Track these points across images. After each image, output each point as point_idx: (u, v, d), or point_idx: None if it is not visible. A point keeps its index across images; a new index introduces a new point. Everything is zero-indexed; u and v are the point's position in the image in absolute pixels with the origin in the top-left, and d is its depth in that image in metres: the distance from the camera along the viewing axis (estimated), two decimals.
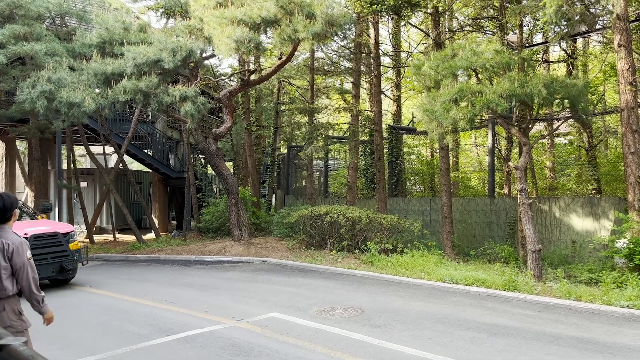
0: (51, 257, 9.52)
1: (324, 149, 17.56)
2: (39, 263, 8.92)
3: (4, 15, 14.09)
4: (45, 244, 9.47)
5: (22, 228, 9.27)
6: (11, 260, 3.87)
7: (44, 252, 9.41)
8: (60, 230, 9.91)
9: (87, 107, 11.84)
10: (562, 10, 9.61)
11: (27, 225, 9.74)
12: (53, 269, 9.54)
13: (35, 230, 9.46)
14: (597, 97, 16.72)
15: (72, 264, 9.90)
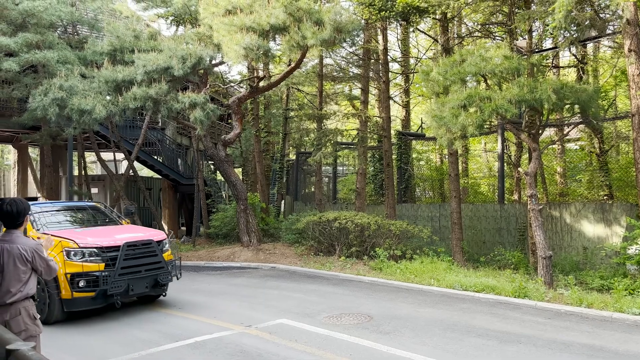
0: (145, 269, 8.10)
1: (332, 155, 17.56)
2: (132, 277, 7.86)
3: (17, 24, 14.29)
4: (138, 254, 8.09)
5: (112, 234, 8.24)
6: (33, 263, 3.95)
7: (137, 263, 8.02)
8: (154, 237, 8.54)
9: (98, 114, 11.95)
10: (571, 15, 9.56)
11: (117, 231, 8.59)
12: (147, 283, 8.12)
13: (127, 237, 8.21)
14: (608, 103, 16.58)
15: (167, 278, 8.46)
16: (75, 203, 10.36)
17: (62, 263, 7.38)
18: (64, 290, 7.40)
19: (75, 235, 7.79)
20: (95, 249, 7.62)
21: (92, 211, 9.78)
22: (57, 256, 7.39)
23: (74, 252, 7.47)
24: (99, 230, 8.67)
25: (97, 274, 7.52)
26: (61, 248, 7.46)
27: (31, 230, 7.95)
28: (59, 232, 7.96)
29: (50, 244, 4.58)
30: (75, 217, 9.43)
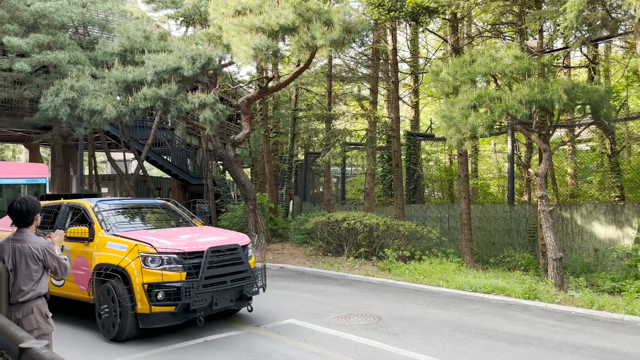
0: (231, 279, 6.95)
1: (341, 155, 17.55)
2: (217, 288, 6.70)
3: (28, 25, 14.43)
4: (223, 262, 6.94)
5: (192, 238, 7.18)
6: (44, 262, 3.99)
7: (222, 272, 6.88)
8: (239, 241, 7.34)
9: (109, 114, 12.03)
10: (583, 15, 9.47)
11: (196, 234, 7.53)
12: (232, 296, 6.94)
13: (210, 241, 7.06)
14: (620, 103, 16.42)
15: (254, 290, 7.26)
16: (145, 200, 9.33)
17: (139, 271, 6.42)
18: (141, 303, 6.35)
19: (151, 238, 6.76)
20: (175, 255, 6.55)
21: (164, 210, 8.76)
22: (132, 263, 6.47)
23: (152, 258, 6.49)
24: (175, 232, 7.59)
25: (179, 284, 6.41)
26: (137, 253, 6.50)
27: (100, 230, 7.14)
28: (133, 234, 7.01)
29: (61, 239, 4.55)
30: (146, 217, 8.49)
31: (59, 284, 7.54)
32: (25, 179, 12.68)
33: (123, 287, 6.45)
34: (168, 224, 8.25)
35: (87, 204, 7.78)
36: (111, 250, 6.79)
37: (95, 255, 6.94)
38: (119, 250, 6.68)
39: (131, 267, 6.46)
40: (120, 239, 6.85)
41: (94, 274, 6.85)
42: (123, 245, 6.68)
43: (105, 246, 6.90)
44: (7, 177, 12.29)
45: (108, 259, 6.74)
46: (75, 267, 7.22)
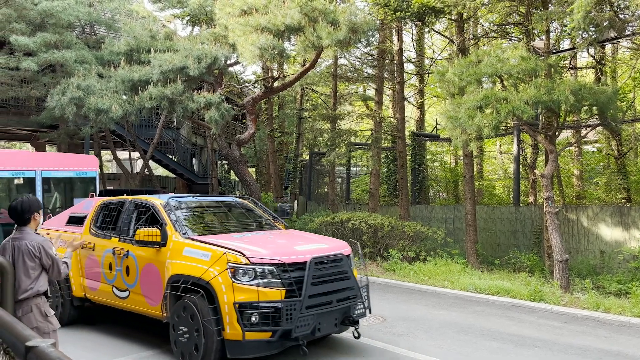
0: (337, 298, 5.61)
1: (346, 155, 17.54)
2: (321, 310, 5.38)
3: (35, 24, 14.49)
4: (326, 276, 5.59)
5: (290, 245, 5.89)
6: (41, 260, 3.96)
7: (327, 290, 5.54)
8: (342, 250, 5.99)
9: (115, 114, 12.07)
10: (590, 16, 9.42)
11: (290, 239, 6.39)
12: (336, 319, 5.59)
13: (311, 249, 5.73)
14: (627, 104, 16.32)
15: (362, 312, 5.92)
16: (221, 198, 8.00)
17: (227, 286, 5.16)
18: (230, 327, 5.11)
19: (240, 245, 5.53)
20: (272, 267, 5.29)
21: (243, 209, 7.41)
22: (218, 276, 5.21)
23: (244, 270, 5.22)
24: (263, 237, 6.34)
25: (278, 304, 5.13)
26: (225, 264, 5.26)
27: (174, 234, 5.94)
28: (215, 239, 5.79)
29: (77, 245, 4.57)
30: (225, 217, 7.15)
31: (122, 295, 6.45)
32: (74, 172, 11.51)
33: (207, 305, 5.21)
34: (251, 227, 6.93)
35: (156, 200, 6.57)
36: (190, 258, 5.58)
37: (169, 264, 5.75)
38: (201, 259, 5.47)
39: (217, 282, 5.20)
40: (201, 244, 5.64)
41: (168, 286, 5.67)
42: (205, 253, 5.47)
43: (181, 253, 5.69)
44: (55, 169, 11.13)
45: (186, 270, 5.54)
46: (144, 277, 6.15)
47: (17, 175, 10.38)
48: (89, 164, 11.93)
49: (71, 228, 7.55)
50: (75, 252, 7.15)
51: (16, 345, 1.82)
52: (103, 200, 7.41)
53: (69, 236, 7.12)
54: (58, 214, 9.75)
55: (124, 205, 6.95)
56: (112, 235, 6.78)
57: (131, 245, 6.33)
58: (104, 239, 6.87)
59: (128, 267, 6.37)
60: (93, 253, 7.03)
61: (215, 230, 6.45)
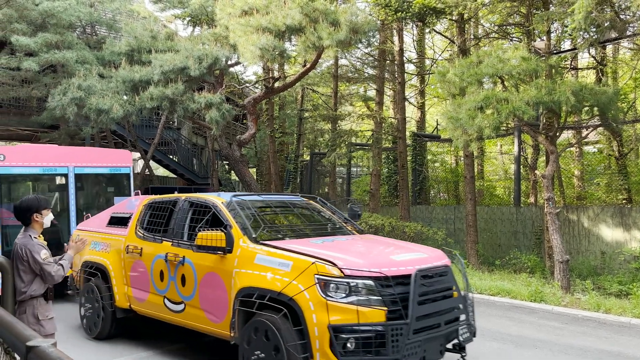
0: (445, 320, 4.69)
1: (346, 155, 17.55)
2: (427, 335, 4.42)
3: (36, 24, 14.50)
4: (433, 292, 4.65)
5: (386, 254, 5.00)
6: (29, 263, 3.90)
7: (434, 310, 4.60)
8: (444, 261, 5.09)
9: (115, 114, 12.08)
10: (591, 16, 9.42)
11: (385, 248, 5.41)
12: (441, 344, 4.70)
13: (412, 260, 4.77)
14: (628, 105, 16.32)
15: (467, 334, 4.91)
16: (287, 197, 7.08)
17: (317, 304, 4.21)
18: (321, 354, 4.18)
19: (328, 253, 4.58)
20: (371, 281, 4.30)
21: (311, 210, 6.49)
22: (305, 291, 4.27)
23: (336, 284, 4.26)
24: (348, 243, 5.35)
25: (381, 328, 4.17)
26: (312, 276, 4.32)
27: (241, 238, 5.04)
28: (294, 245, 4.86)
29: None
30: (295, 219, 6.36)
31: (176, 308, 5.60)
32: (108, 168, 10.44)
33: (291, 327, 4.30)
34: (325, 231, 5.95)
35: (217, 199, 5.66)
36: (264, 268, 4.67)
37: (237, 274, 4.87)
38: (279, 269, 4.56)
39: (304, 298, 4.26)
40: (278, 251, 4.73)
41: (237, 301, 4.79)
42: (285, 262, 4.56)
43: (252, 261, 4.80)
44: (88, 165, 10.00)
45: (260, 282, 4.63)
46: (204, 288, 5.25)
47: (48, 171, 9.36)
48: (122, 159, 10.89)
49: (113, 230, 6.82)
50: (118, 257, 6.47)
51: (17, 345, 1.82)
52: (150, 199, 6.56)
53: (111, 239, 6.71)
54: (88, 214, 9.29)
55: (177, 204, 6.05)
56: (164, 238, 5.90)
57: (188, 251, 5.45)
58: (154, 243, 6.01)
59: (184, 276, 5.47)
60: (140, 259, 6.11)
61: (289, 235, 5.50)
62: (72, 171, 9.73)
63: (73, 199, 9.68)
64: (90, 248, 6.96)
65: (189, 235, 5.66)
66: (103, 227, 7.01)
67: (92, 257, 6.91)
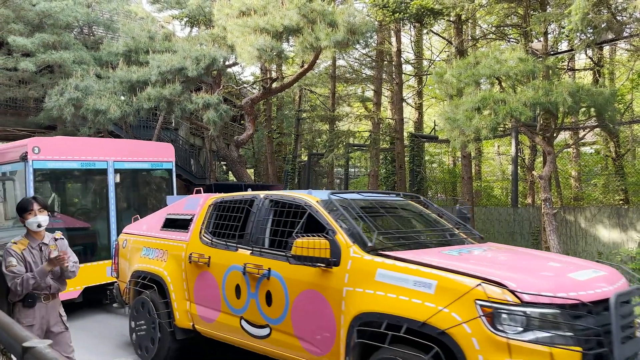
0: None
1: (344, 156, 17.56)
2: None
3: (33, 25, 14.48)
4: (629, 326, 3.60)
5: (562, 273, 3.81)
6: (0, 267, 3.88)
7: (635, 349, 3.54)
8: (624, 280, 3.99)
9: (113, 114, 12.07)
10: (588, 17, 9.45)
11: (553, 262, 4.30)
12: None
13: (595, 278, 3.71)
14: (625, 106, 16.37)
15: None
16: (386, 195, 5.98)
17: (485, 342, 3.16)
18: None
19: (489, 270, 3.53)
20: (558, 310, 3.19)
21: (420, 214, 5.40)
22: (465, 324, 3.22)
23: (510, 313, 3.18)
24: (495, 256, 4.34)
25: None
26: (472, 302, 3.27)
27: (350, 247, 4.01)
28: (425, 257, 3.84)
29: (60, 262, 3.90)
30: (407, 224, 5.26)
31: (258, 333, 4.62)
32: (149, 163, 9.29)
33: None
34: (444, 238, 4.87)
35: (309, 198, 4.61)
36: (392, 287, 3.61)
37: (350, 294, 3.84)
38: (416, 290, 3.50)
39: (463, 332, 3.21)
40: (410, 266, 3.64)
41: (353, 331, 3.76)
42: (424, 281, 3.49)
43: (371, 278, 3.75)
44: (129, 159, 8.94)
45: (388, 306, 3.58)
46: (299, 310, 4.23)
47: (86, 166, 8.29)
48: (165, 153, 9.68)
49: (170, 234, 5.79)
50: (178, 266, 5.43)
51: (13, 346, 1.82)
52: (217, 198, 5.58)
53: (168, 245, 5.68)
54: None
55: (254, 204, 5.02)
56: (240, 246, 4.88)
57: (275, 262, 4.44)
58: (226, 251, 5.00)
59: (269, 293, 4.45)
60: (208, 270, 5.12)
61: (410, 243, 4.36)
62: (111, 166, 8.64)
63: (112, 197, 8.59)
64: (142, 255, 5.98)
65: (272, 242, 4.70)
66: (157, 231, 5.99)
67: (144, 266, 5.87)
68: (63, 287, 4.18)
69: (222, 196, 5.58)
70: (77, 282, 7.38)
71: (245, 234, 4.92)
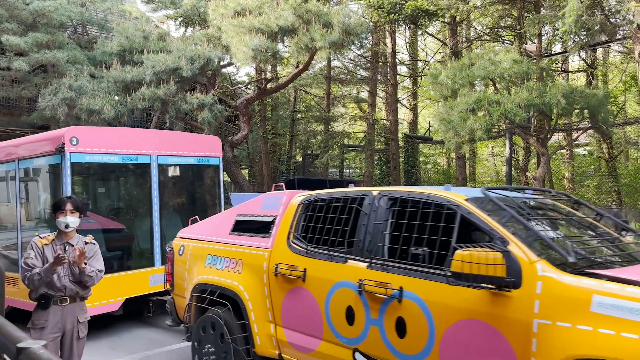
0: None
1: (339, 157, 17.57)
2: None
3: (27, 24, 14.41)
4: None
5: None
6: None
7: None
8: None
9: (107, 114, 12.02)
10: (581, 20, 9.51)
11: None
12: None
13: None
14: (618, 108, 16.48)
15: None
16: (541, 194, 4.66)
17: None
18: None
19: None
20: None
21: (577, 216, 4.10)
22: None
23: None
24: None
25: None
26: None
27: (540, 263, 2.90)
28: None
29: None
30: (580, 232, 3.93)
31: None
32: (195, 158, 8.22)
33: None
34: (628, 249, 3.67)
35: (451, 195, 3.54)
36: (622, 323, 2.52)
37: (545, 328, 2.79)
38: None
39: None
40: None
41: None
42: None
43: (585, 308, 2.68)
44: (174, 153, 7.87)
45: (622, 352, 2.47)
46: (457, 348, 3.12)
47: (128, 160, 7.33)
48: (212, 147, 8.56)
49: (243, 239, 4.73)
50: (258, 280, 4.41)
51: (7, 346, 1.81)
52: (308, 195, 4.49)
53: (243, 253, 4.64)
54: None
55: (364, 203, 3.93)
56: (350, 256, 3.81)
57: (409, 280, 3.39)
58: (330, 263, 3.90)
59: (402, 320, 3.39)
60: (303, 286, 4.04)
61: (610, 258, 3.38)
62: (155, 161, 7.57)
63: (156, 196, 7.49)
64: (207, 265, 4.93)
65: (391, 252, 3.66)
66: (224, 236, 4.94)
67: (211, 278, 4.79)
68: (84, 293, 3.93)
69: (314, 193, 4.49)
70: (117, 293, 6.61)
71: (355, 242, 3.81)
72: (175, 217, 7.50)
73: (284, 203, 4.62)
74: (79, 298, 3.92)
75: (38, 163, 7.12)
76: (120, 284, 6.54)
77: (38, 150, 6.91)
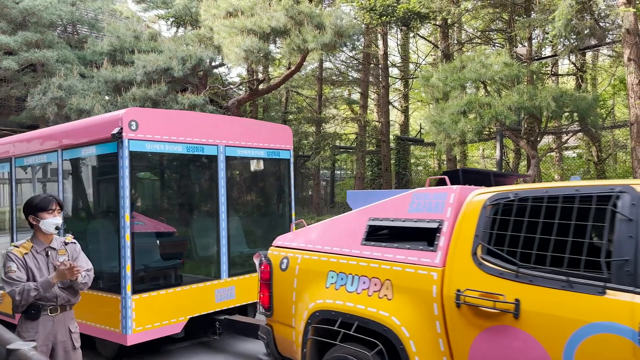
0: None
1: (330, 158, 17.59)
2: None
3: (16, 23, 14.28)
4: None
5: None
6: None
7: None
8: None
9: (97, 114, 11.94)
10: (571, 23, 9.60)
11: None
12: None
13: None
14: (607, 111, 16.66)
15: None
16: None
17: None
18: None
19: None
20: None
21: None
22: None
23: None
24: None
25: None
26: None
27: None
28: None
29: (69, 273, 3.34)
30: None
31: None
32: (265, 150, 6.85)
33: None
34: None
35: None
36: None
37: None
38: None
39: None
40: None
41: None
42: None
43: None
44: (240, 144, 6.53)
45: None
46: None
47: (193, 151, 6.03)
48: (283, 138, 7.19)
49: (388, 251, 3.43)
50: (426, 311, 3.10)
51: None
52: (499, 192, 3.08)
53: (392, 272, 3.33)
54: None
55: (619, 203, 2.61)
56: (610, 285, 2.49)
57: None
58: (569, 293, 2.58)
59: None
60: (514, 325, 2.71)
61: None
62: (222, 152, 6.30)
63: (223, 195, 6.21)
64: (330, 285, 3.66)
65: None
66: (354, 246, 3.64)
67: (340, 304, 3.52)
68: (75, 299, 3.69)
69: (508, 190, 3.08)
70: (179, 312, 5.50)
71: (618, 263, 2.50)
72: (242, 221, 6.51)
73: (452, 203, 3.30)
74: (69, 306, 3.66)
75: (87, 152, 5.92)
76: (182, 300, 5.53)
77: (88, 137, 5.79)
